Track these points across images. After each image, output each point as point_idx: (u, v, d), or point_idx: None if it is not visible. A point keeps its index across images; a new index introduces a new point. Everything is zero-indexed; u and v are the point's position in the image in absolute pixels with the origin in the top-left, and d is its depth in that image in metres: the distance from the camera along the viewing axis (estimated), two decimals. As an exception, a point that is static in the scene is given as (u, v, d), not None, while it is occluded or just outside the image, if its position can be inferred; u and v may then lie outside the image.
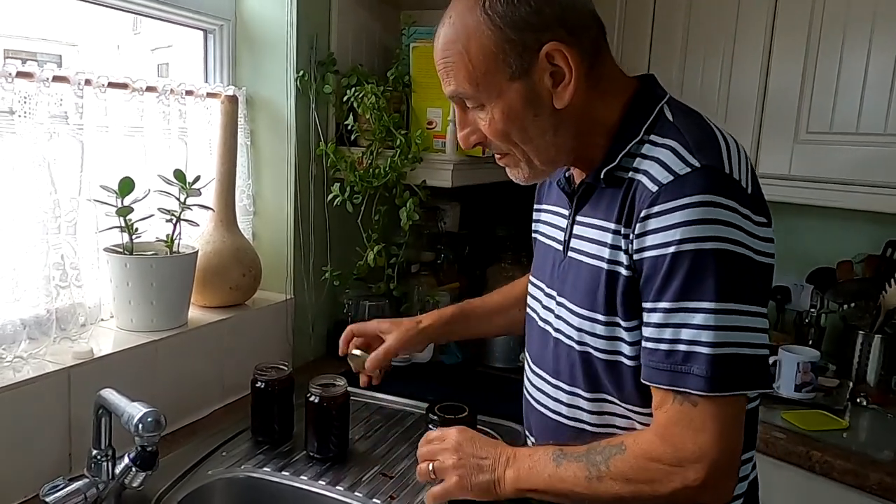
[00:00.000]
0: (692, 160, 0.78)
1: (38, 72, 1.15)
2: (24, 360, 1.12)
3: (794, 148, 1.76)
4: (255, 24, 1.63)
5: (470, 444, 0.94)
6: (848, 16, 1.66)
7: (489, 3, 0.82)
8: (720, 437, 0.76)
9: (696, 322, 0.76)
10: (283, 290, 1.68)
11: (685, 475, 0.76)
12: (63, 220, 1.21)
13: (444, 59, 0.86)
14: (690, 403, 0.77)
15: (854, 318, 1.83)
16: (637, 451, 0.80)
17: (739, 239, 0.76)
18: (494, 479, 0.90)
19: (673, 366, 0.77)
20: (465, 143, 0.92)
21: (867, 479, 1.36)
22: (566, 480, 0.84)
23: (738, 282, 0.76)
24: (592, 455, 0.83)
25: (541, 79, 0.83)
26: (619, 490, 0.81)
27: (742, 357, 0.76)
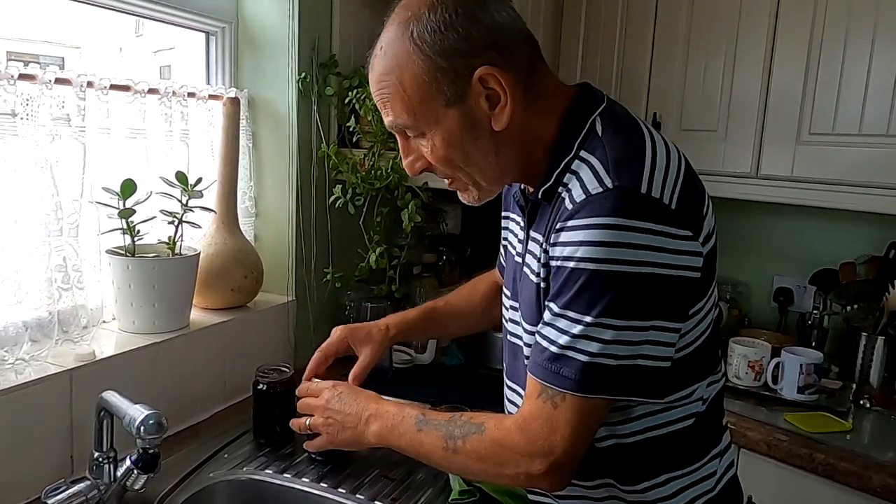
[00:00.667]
0: (607, 181, 0.78)
1: (41, 74, 1.15)
2: (26, 363, 1.12)
3: (796, 149, 1.76)
4: (257, 26, 1.63)
5: (337, 400, 1.05)
6: (850, 16, 1.65)
7: (417, 33, 0.82)
8: (570, 439, 0.80)
9: (574, 332, 0.78)
10: (284, 291, 1.68)
11: (530, 465, 0.82)
12: (65, 222, 1.21)
13: (380, 90, 0.87)
14: (552, 405, 0.80)
15: (857, 320, 1.82)
16: (495, 435, 0.86)
17: (645, 259, 0.76)
18: (357, 435, 1.01)
19: (546, 362, 0.81)
20: (412, 170, 0.93)
21: (871, 481, 1.36)
22: (423, 446, 0.92)
23: (627, 301, 0.77)
24: (452, 427, 0.90)
25: (476, 103, 0.84)
26: (471, 466, 0.89)
27: (616, 368, 0.78)
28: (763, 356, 1.73)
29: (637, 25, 1.99)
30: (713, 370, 0.93)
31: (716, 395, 0.95)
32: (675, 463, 0.90)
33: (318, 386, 1.10)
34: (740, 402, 1.67)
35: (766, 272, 2.13)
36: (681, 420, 0.89)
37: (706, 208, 0.85)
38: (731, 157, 1.86)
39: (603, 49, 2.05)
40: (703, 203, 0.85)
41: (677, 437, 0.89)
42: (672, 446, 0.89)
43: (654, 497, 0.90)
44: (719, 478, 0.94)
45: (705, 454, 0.93)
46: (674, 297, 0.80)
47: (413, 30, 0.82)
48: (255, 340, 1.54)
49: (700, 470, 0.92)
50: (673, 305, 0.80)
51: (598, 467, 0.91)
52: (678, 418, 0.89)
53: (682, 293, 0.80)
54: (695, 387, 0.89)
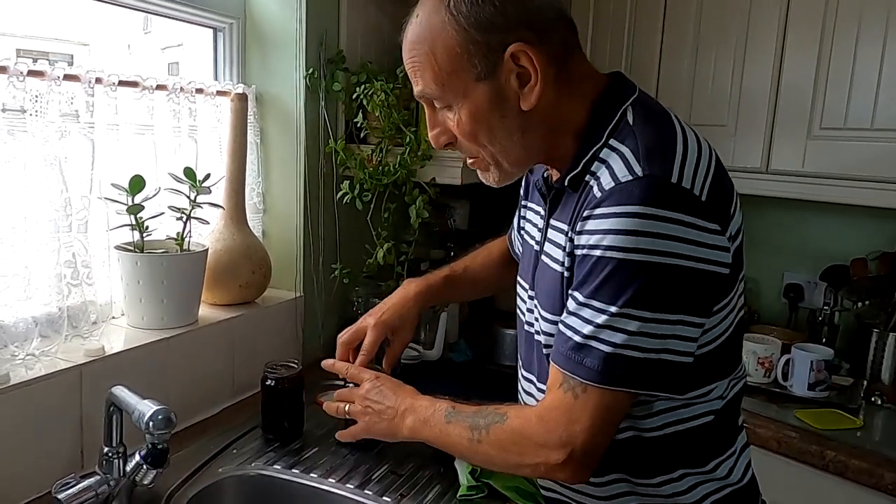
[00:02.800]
0: (637, 169, 0.77)
1: (50, 70, 1.15)
2: (36, 358, 1.13)
3: (807, 144, 1.75)
4: (265, 22, 1.63)
5: (377, 392, 1.06)
6: (862, 9, 1.64)
7: (454, 4, 0.81)
8: (590, 430, 0.80)
9: (598, 322, 0.78)
10: (292, 287, 1.68)
11: (548, 455, 0.82)
12: (74, 218, 1.21)
13: (412, 58, 0.86)
14: (573, 395, 0.80)
15: (868, 316, 1.81)
16: (515, 424, 0.86)
17: (672, 250, 0.75)
18: (393, 427, 1.02)
19: (569, 352, 0.80)
20: (436, 143, 0.93)
21: (882, 478, 1.35)
22: (451, 437, 0.93)
23: (653, 292, 0.76)
24: (478, 418, 0.90)
25: (507, 80, 0.83)
26: (493, 456, 0.90)
27: (638, 360, 0.77)
28: (773, 353, 1.72)
29: (646, 19, 1.98)
30: (735, 369, 0.92)
31: (735, 394, 0.94)
32: (692, 459, 0.90)
33: (361, 374, 1.12)
34: (750, 399, 1.66)
35: (776, 268, 2.12)
36: (699, 417, 0.88)
37: (734, 205, 0.85)
38: (741, 152, 1.85)
39: (612, 43, 2.04)
40: (731, 199, 0.84)
41: (695, 434, 0.88)
42: (689, 443, 0.88)
43: (670, 491, 0.90)
44: (737, 476, 0.94)
45: (722, 452, 0.92)
46: (700, 292, 0.79)
47: (450, 0, 0.82)
48: (263, 336, 1.54)
49: (717, 467, 0.91)
50: (699, 300, 0.79)
51: (613, 461, 0.90)
52: (697, 415, 0.88)
53: (708, 288, 0.79)
54: (715, 384, 0.88)
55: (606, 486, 0.92)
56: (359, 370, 1.13)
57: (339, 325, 1.78)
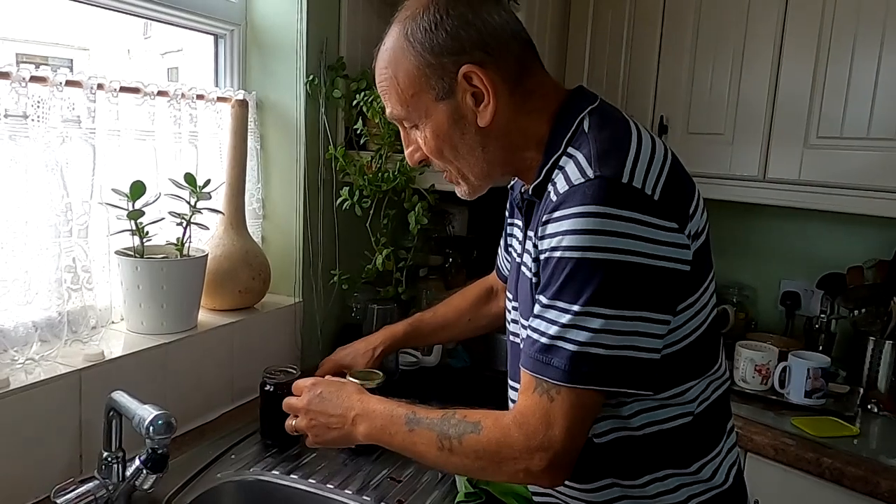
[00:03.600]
0: (589, 171, 0.80)
1: (52, 76, 1.16)
2: (35, 363, 1.13)
3: (804, 153, 1.76)
4: (266, 29, 1.64)
5: (319, 401, 1.02)
6: (858, 20, 1.65)
7: (410, 31, 0.88)
8: (568, 433, 0.81)
9: (563, 321, 0.79)
10: (291, 293, 1.68)
11: (530, 461, 0.82)
12: (75, 223, 1.22)
13: (380, 83, 0.94)
14: (548, 398, 0.81)
15: (864, 324, 1.82)
16: (493, 434, 0.85)
17: (628, 247, 0.77)
18: (345, 435, 0.99)
19: (536, 354, 0.82)
20: (411, 160, 0.99)
21: (878, 486, 1.36)
22: (417, 446, 0.91)
23: (614, 289, 0.77)
24: (446, 427, 0.89)
25: (463, 99, 0.89)
26: (468, 465, 0.88)
27: (604, 357, 0.78)
28: (770, 360, 1.73)
29: (644, 29, 1.99)
30: (709, 369, 0.92)
31: (718, 397, 0.95)
32: (674, 460, 0.91)
33: (299, 384, 1.09)
34: (747, 406, 1.66)
35: (773, 276, 2.13)
36: (677, 417, 0.89)
37: (695, 205, 0.86)
38: (738, 161, 1.86)
39: (610, 53, 2.05)
40: (690, 199, 0.86)
41: (675, 435, 0.89)
42: (670, 443, 0.90)
43: (654, 492, 0.91)
44: (720, 479, 0.94)
45: (705, 454, 0.93)
46: (660, 288, 0.80)
47: (408, 28, 0.89)
48: (262, 341, 1.55)
49: (700, 469, 0.92)
50: (659, 296, 0.81)
51: (603, 465, 0.91)
52: (674, 416, 0.89)
53: (668, 284, 0.81)
54: (690, 384, 0.90)
55: (599, 492, 0.93)
56: (297, 383, 1.10)
57: (338, 331, 1.80)
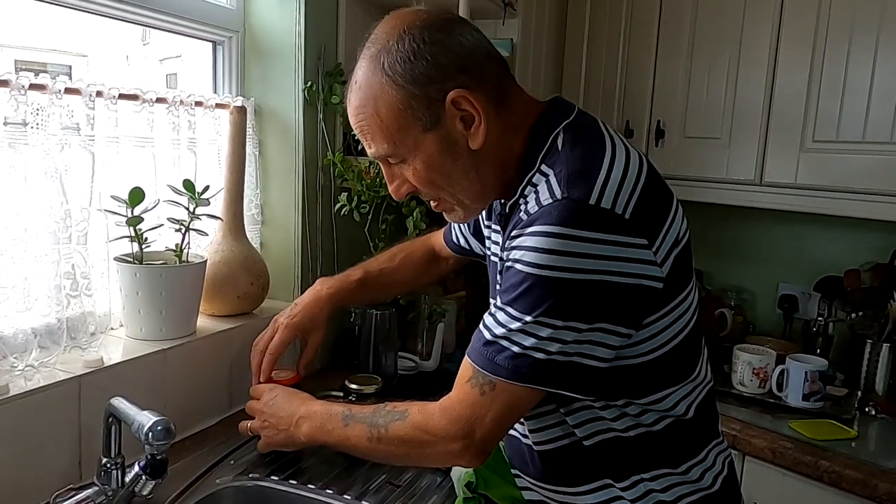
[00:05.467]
0: (557, 192, 0.81)
1: (51, 84, 1.16)
2: (34, 369, 1.13)
3: (800, 156, 1.77)
4: (264, 36, 1.65)
5: (273, 404, 1.12)
6: (854, 24, 1.66)
7: (388, 65, 0.86)
8: (491, 425, 0.84)
9: (511, 327, 0.82)
10: (290, 298, 1.68)
11: (449, 446, 0.87)
12: (74, 229, 1.22)
13: (359, 123, 0.91)
14: (480, 391, 0.84)
15: (862, 327, 1.83)
16: (416, 420, 0.91)
17: (589, 267, 0.78)
18: (290, 436, 1.08)
19: (481, 347, 0.84)
20: (398, 195, 0.96)
21: (876, 489, 1.36)
22: (350, 439, 0.98)
23: (573, 306, 0.79)
24: (376, 417, 0.95)
25: (452, 125, 0.87)
26: (394, 451, 0.94)
27: (545, 361, 0.80)
28: (768, 363, 1.73)
29: (640, 34, 2.00)
30: (689, 375, 0.93)
31: (703, 400, 0.95)
32: (663, 461, 0.91)
33: (259, 388, 1.17)
34: (745, 410, 1.67)
35: (770, 279, 2.14)
36: (660, 420, 0.90)
37: (672, 216, 0.86)
38: (734, 165, 1.87)
39: (607, 58, 2.06)
40: (666, 212, 0.86)
41: (661, 437, 0.90)
42: (657, 445, 0.91)
43: (646, 490, 0.91)
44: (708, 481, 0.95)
45: (693, 455, 0.94)
46: (623, 303, 0.81)
47: (384, 61, 0.86)
48: (260, 347, 1.55)
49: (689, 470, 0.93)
50: (622, 311, 0.82)
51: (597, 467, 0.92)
52: (657, 419, 0.90)
53: (632, 300, 0.82)
54: (670, 390, 0.90)
55: (593, 493, 0.94)
56: (257, 388, 1.19)
57: (336, 336, 1.80)
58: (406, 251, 1.39)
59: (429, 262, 1.39)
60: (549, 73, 2.10)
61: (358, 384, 1.27)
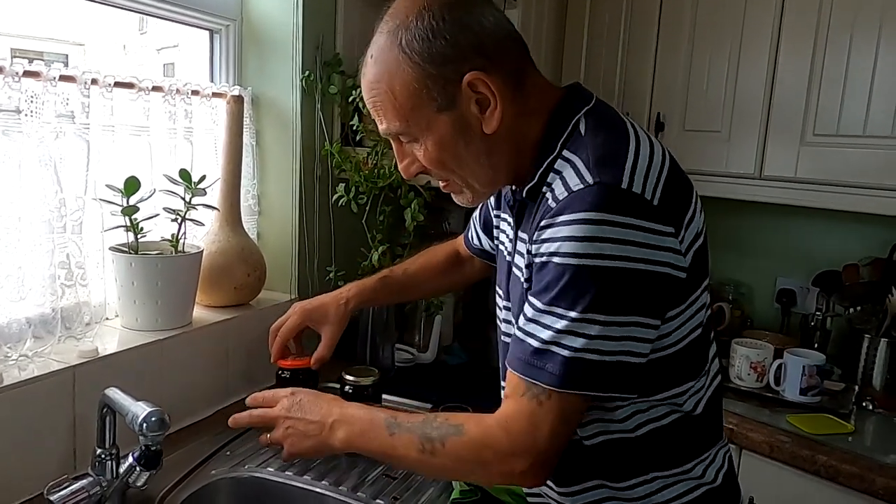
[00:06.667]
0: (588, 177, 0.79)
1: (45, 71, 1.15)
2: (29, 359, 1.13)
3: (800, 150, 1.76)
4: (262, 25, 1.64)
5: (298, 408, 0.98)
6: (855, 17, 1.65)
7: (406, 41, 0.83)
8: (553, 435, 0.80)
9: (558, 327, 0.78)
10: (287, 289, 1.68)
11: (513, 464, 0.81)
12: (69, 219, 1.21)
13: (372, 98, 0.88)
14: (537, 402, 0.80)
15: (860, 322, 1.82)
16: (476, 436, 0.84)
17: (627, 254, 0.76)
18: (322, 442, 0.95)
19: (529, 357, 0.80)
20: (407, 173, 0.94)
21: (873, 483, 1.36)
22: (397, 449, 0.89)
23: (610, 296, 0.77)
24: (428, 429, 0.86)
25: (467, 107, 0.85)
26: (450, 466, 0.87)
27: (595, 363, 0.77)
28: (766, 357, 1.73)
29: (641, 26, 1.99)
30: (700, 371, 0.92)
31: (712, 395, 0.94)
32: (666, 461, 0.90)
33: (273, 394, 1.02)
34: (743, 404, 1.67)
35: (769, 273, 2.13)
36: (670, 414, 0.89)
37: (693, 208, 0.85)
38: (734, 158, 1.86)
39: (607, 50, 2.05)
40: (689, 203, 0.85)
41: (669, 432, 0.89)
42: (664, 442, 0.89)
43: (645, 493, 0.90)
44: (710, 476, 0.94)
45: (700, 452, 0.93)
46: (653, 294, 0.80)
47: (402, 38, 0.83)
48: (257, 338, 1.53)
49: (694, 467, 0.92)
50: (652, 302, 0.80)
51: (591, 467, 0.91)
52: (665, 414, 0.89)
53: (661, 290, 0.80)
54: (683, 386, 0.89)
55: (586, 493, 0.93)
56: (272, 392, 1.03)
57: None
58: (430, 253, 1.38)
59: (452, 263, 1.36)
60: (548, 64, 2.08)
61: (355, 376, 1.26)
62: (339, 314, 1.27)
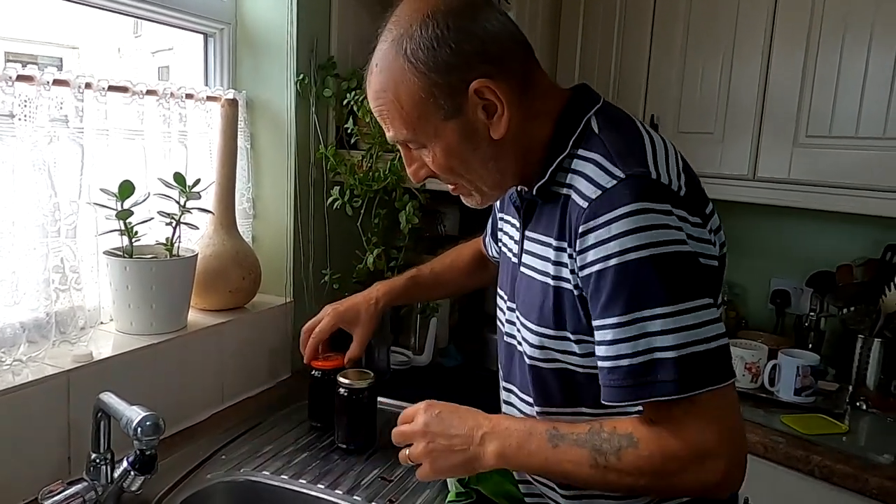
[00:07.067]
0: (617, 171, 0.79)
1: (39, 75, 1.15)
2: (23, 364, 1.12)
3: (793, 151, 1.77)
4: (256, 28, 1.64)
5: (438, 422, 0.91)
6: (847, 19, 1.66)
7: (410, 51, 0.82)
8: (721, 435, 0.76)
9: (652, 330, 0.75)
10: (282, 293, 1.68)
11: (700, 471, 0.76)
12: (63, 223, 1.21)
13: (379, 107, 0.88)
14: (681, 411, 0.76)
15: (854, 322, 1.83)
16: (653, 446, 0.78)
17: (678, 238, 0.76)
18: (470, 458, 0.88)
19: (636, 379, 0.76)
20: (416, 178, 0.94)
21: (867, 483, 1.36)
22: (564, 464, 0.82)
23: (684, 280, 0.76)
24: (597, 441, 0.81)
25: (474, 114, 0.85)
26: (633, 482, 0.80)
27: (704, 353, 0.75)
28: (760, 358, 1.74)
29: (634, 28, 1.99)
30: None
31: None
32: None
33: (413, 410, 0.96)
34: (737, 404, 1.67)
35: (763, 274, 2.14)
36: None
37: (711, 205, 0.87)
38: (728, 160, 1.87)
39: (601, 52, 2.05)
40: (705, 196, 0.86)
41: None
42: None
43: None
44: None
45: None
46: (707, 278, 0.79)
47: (406, 47, 0.83)
48: (252, 342, 1.54)
49: None
50: (710, 284, 0.79)
51: None
52: None
53: (710, 275, 0.81)
54: None
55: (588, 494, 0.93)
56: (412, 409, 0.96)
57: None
58: (457, 252, 1.38)
59: (477, 264, 1.35)
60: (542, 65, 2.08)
61: (350, 379, 1.26)
62: (369, 314, 1.29)
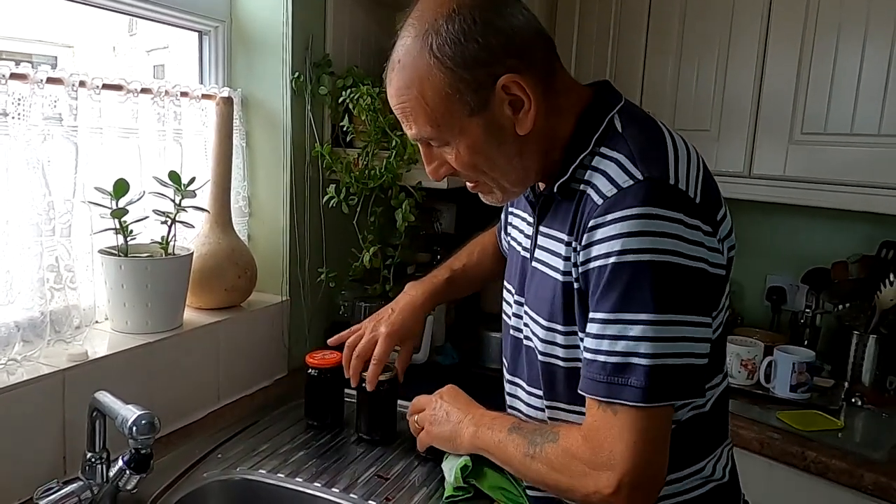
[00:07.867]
0: (636, 173, 0.79)
1: (32, 73, 1.14)
2: (17, 363, 1.12)
3: (788, 149, 1.77)
4: (251, 26, 1.63)
5: (450, 397, 1.09)
6: (842, 17, 1.66)
7: (437, 46, 0.81)
8: (636, 449, 0.76)
9: (632, 334, 0.76)
10: (278, 291, 1.68)
11: (598, 480, 0.78)
12: (57, 222, 1.20)
13: (401, 104, 0.86)
14: (612, 411, 0.77)
15: (849, 319, 1.84)
16: (565, 443, 0.84)
17: (680, 250, 0.76)
18: (454, 431, 1.02)
19: (609, 377, 0.78)
20: (436, 176, 0.93)
21: (862, 479, 1.37)
22: (508, 450, 0.91)
23: (676, 293, 0.76)
24: (537, 435, 0.88)
25: (500, 110, 0.84)
26: (544, 475, 0.86)
27: (678, 368, 0.76)
28: (756, 355, 1.74)
29: (630, 26, 1.99)
30: (720, 371, 0.93)
31: (721, 394, 0.95)
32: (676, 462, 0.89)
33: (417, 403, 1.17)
34: (733, 401, 1.65)
35: (758, 271, 2.14)
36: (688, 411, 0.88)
37: (723, 209, 0.87)
38: (724, 157, 1.87)
39: (596, 49, 2.05)
40: (720, 204, 0.86)
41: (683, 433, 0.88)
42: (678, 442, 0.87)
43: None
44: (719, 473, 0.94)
45: (712, 450, 0.93)
46: (704, 292, 0.79)
47: (432, 42, 0.81)
48: (248, 340, 1.54)
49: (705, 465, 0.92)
50: (705, 300, 0.80)
51: None
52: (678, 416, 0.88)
53: (709, 288, 0.81)
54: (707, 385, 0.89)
55: None
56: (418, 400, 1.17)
57: (326, 329, 1.79)
58: (480, 245, 1.36)
59: (499, 257, 1.33)
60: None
61: None
62: (420, 325, 1.27)
